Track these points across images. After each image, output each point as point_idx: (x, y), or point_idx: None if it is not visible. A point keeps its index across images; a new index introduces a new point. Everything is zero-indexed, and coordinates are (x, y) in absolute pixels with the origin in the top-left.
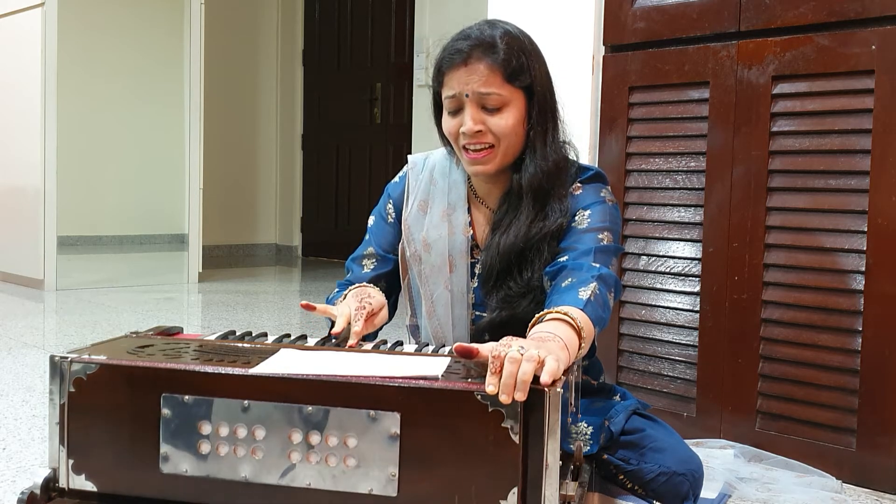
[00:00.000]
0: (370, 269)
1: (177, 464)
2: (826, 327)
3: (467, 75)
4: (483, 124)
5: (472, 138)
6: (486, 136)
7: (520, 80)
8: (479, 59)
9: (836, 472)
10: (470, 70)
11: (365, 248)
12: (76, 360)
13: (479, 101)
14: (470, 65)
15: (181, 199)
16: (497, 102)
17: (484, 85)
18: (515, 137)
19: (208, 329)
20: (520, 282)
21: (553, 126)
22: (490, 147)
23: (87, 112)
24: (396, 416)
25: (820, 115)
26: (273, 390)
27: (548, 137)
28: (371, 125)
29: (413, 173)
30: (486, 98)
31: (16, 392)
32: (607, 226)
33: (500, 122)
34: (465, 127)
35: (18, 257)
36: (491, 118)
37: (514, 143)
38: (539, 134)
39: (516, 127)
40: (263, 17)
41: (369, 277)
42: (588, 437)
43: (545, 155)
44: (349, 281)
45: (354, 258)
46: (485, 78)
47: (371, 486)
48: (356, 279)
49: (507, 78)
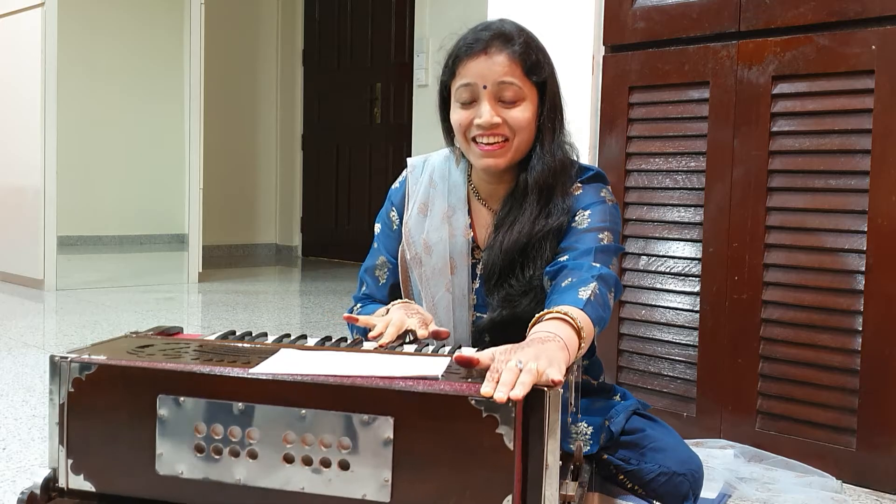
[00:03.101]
0: (385, 279)
1: (173, 465)
2: (826, 327)
3: (487, 65)
4: (499, 116)
5: (486, 130)
6: (503, 129)
7: (536, 76)
8: (499, 50)
9: (836, 472)
10: (491, 60)
11: (376, 257)
12: (76, 361)
13: (496, 94)
14: (491, 54)
15: (181, 199)
16: (514, 95)
17: (504, 75)
18: (528, 133)
19: (208, 329)
20: (521, 280)
21: (560, 125)
22: (505, 140)
23: (87, 112)
24: (390, 421)
25: (820, 115)
26: (269, 392)
27: (556, 136)
28: (371, 125)
29: (412, 176)
30: (504, 89)
31: (16, 392)
32: (607, 225)
33: (517, 115)
34: (481, 119)
35: (18, 257)
36: (507, 111)
37: (526, 138)
38: (548, 131)
39: (531, 121)
40: (263, 17)
41: (388, 288)
42: (588, 437)
43: (552, 152)
44: (367, 295)
45: (367, 269)
46: (506, 68)
47: (364, 491)
48: (374, 292)
49: (526, 71)
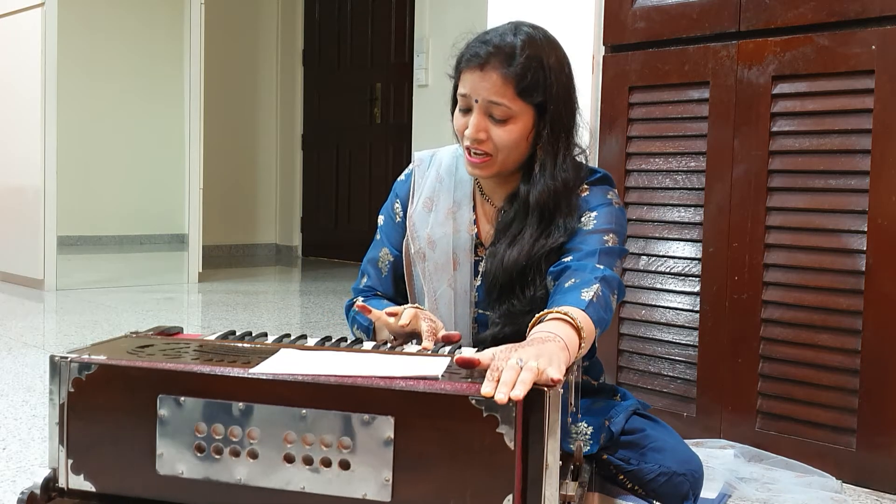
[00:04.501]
0: (387, 271)
1: (173, 465)
2: (826, 327)
3: (480, 81)
4: (485, 132)
5: (472, 143)
6: (486, 145)
7: (532, 97)
8: (494, 68)
9: (836, 472)
10: (484, 77)
11: (378, 248)
12: (76, 361)
13: (486, 109)
14: (485, 71)
15: (181, 199)
16: (503, 114)
17: (494, 94)
18: (515, 151)
19: (208, 329)
20: (523, 300)
21: (566, 146)
22: (487, 156)
23: (87, 112)
24: (391, 420)
25: (820, 115)
26: (270, 392)
27: (559, 157)
28: (371, 125)
29: (419, 170)
30: (493, 108)
31: (16, 392)
32: (613, 228)
33: (502, 134)
34: (468, 131)
35: (18, 257)
36: (495, 128)
37: (513, 156)
38: (549, 153)
39: (518, 141)
40: (263, 17)
41: (391, 280)
42: (588, 437)
43: (554, 175)
44: (369, 286)
45: (370, 260)
46: (496, 88)
47: (365, 490)
48: (378, 285)
49: (519, 92)
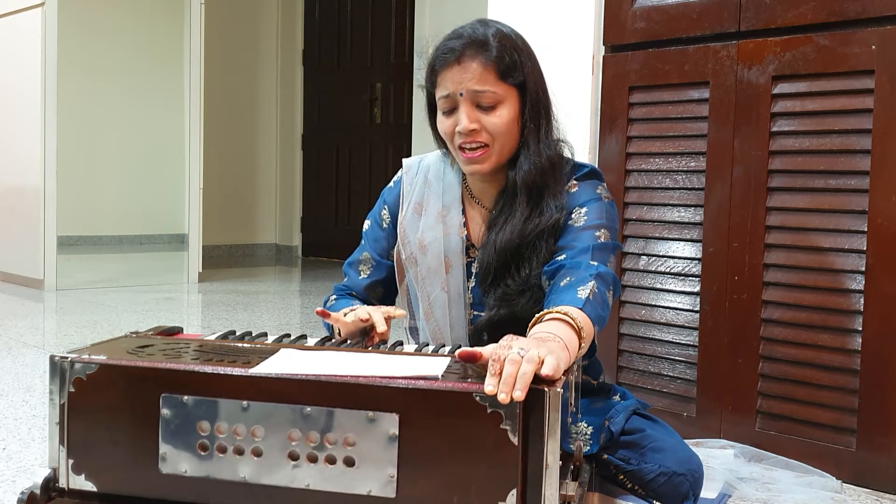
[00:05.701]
0: (366, 275)
1: (176, 464)
2: (826, 327)
3: (461, 73)
4: (478, 122)
5: (467, 137)
6: (481, 135)
7: (513, 78)
8: (471, 58)
9: (836, 472)
10: (463, 68)
11: (360, 252)
12: (76, 360)
13: (473, 100)
14: (463, 63)
15: (181, 199)
16: (491, 100)
17: (478, 83)
18: (510, 135)
19: (208, 329)
20: (517, 279)
21: (546, 123)
22: (485, 146)
23: (87, 112)
24: (395, 417)
25: (820, 115)
26: (273, 391)
27: (541, 134)
28: (371, 125)
29: (408, 177)
30: (480, 96)
31: (16, 392)
32: (604, 223)
33: (495, 120)
34: (460, 126)
35: (18, 257)
36: (486, 116)
37: (508, 141)
38: (532, 131)
39: (511, 125)
40: (263, 17)
41: (366, 284)
42: (588, 437)
43: (539, 151)
44: (346, 286)
45: (351, 263)
46: (478, 75)
47: (370, 487)
48: (353, 285)
49: (501, 75)
